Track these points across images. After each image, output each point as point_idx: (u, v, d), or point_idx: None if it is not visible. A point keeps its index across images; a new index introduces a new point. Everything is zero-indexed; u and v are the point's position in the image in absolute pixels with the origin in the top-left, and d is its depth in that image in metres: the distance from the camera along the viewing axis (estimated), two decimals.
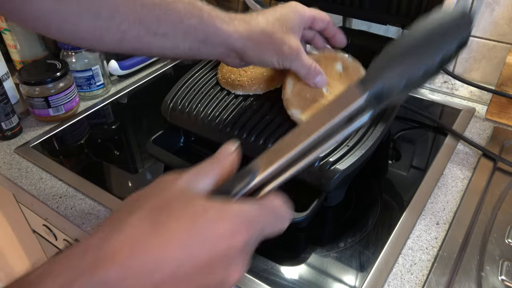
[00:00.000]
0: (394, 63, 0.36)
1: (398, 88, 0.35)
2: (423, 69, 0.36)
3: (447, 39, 0.37)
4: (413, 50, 0.37)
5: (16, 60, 0.94)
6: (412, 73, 0.36)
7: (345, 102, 0.35)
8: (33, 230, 0.84)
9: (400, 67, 0.36)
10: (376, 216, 0.59)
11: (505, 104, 0.74)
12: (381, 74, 0.35)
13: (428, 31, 0.37)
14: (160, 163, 0.68)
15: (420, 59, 0.36)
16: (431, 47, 0.37)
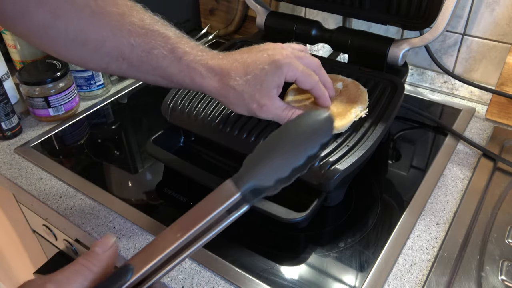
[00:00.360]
0: (264, 162, 0.40)
1: (269, 184, 0.39)
2: (291, 168, 0.40)
3: (311, 142, 0.42)
4: (281, 151, 0.40)
5: (16, 60, 0.94)
6: (280, 172, 0.40)
7: (222, 197, 0.38)
8: (33, 230, 0.84)
9: (270, 166, 0.39)
10: (376, 216, 0.59)
11: (505, 104, 0.74)
12: (252, 172, 0.39)
13: (294, 134, 0.42)
14: (160, 163, 0.68)
15: (287, 160, 0.40)
16: (297, 149, 0.41)
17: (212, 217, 0.37)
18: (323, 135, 0.43)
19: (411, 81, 0.88)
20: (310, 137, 0.42)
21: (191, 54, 0.51)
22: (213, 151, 0.68)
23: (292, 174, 0.40)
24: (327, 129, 0.43)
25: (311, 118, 0.43)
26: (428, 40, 0.64)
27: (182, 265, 0.53)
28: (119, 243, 0.56)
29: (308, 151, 0.41)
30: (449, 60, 0.84)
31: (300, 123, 0.43)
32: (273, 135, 0.42)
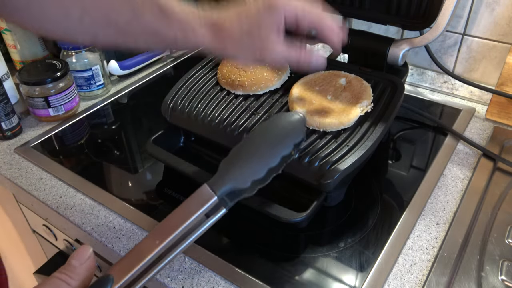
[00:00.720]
0: (240, 164, 0.40)
1: (245, 186, 0.39)
2: (266, 169, 0.40)
3: (285, 143, 0.42)
4: (256, 153, 0.41)
5: (16, 60, 0.94)
6: (256, 173, 0.40)
7: (199, 202, 0.38)
8: (33, 230, 0.84)
9: (245, 168, 0.40)
10: (376, 216, 0.59)
11: (505, 104, 0.74)
12: (228, 175, 0.39)
13: (268, 136, 0.42)
14: (160, 163, 0.68)
15: (262, 161, 0.41)
16: (271, 150, 0.41)
17: (190, 222, 0.37)
18: (296, 135, 0.44)
19: (411, 81, 0.88)
20: (283, 138, 0.43)
21: (181, 10, 0.47)
22: (213, 151, 0.68)
23: (268, 175, 0.41)
24: (300, 129, 0.44)
25: (284, 119, 0.44)
26: (428, 40, 0.64)
27: (182, 265, 0.53)
28: (119, 243, 0.56)
29: (282, 151, 0.42)
30: (449, 60, 0.84)
31: (273, 124, 0.43)
32: (246, 138, 0.42)
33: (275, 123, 0.44)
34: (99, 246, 0.58)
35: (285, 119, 0.44)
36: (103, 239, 0.57)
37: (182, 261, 0.54)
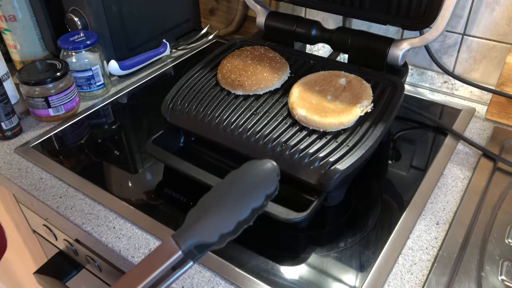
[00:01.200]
0: (206, 217, 0.38)
1: (213, 240, 0.37)
2: (235, 222, 0.38)
3: (256, 194, 0.39)
4: (224, 204, 0.38)
5: (16, 60, 0.94)
6: (224, 227, 0.38)
7: (164, 256, 0.36)
8: (33, 230, 0.84)
9: (212, 221, 0.37)
10: (376, 216, 0.59)
11: (505, 104, 0.74)
12: (194, 229, 0.37)
13: (237, 185, 0.39)
14: (160, 163, 0.68)
15: (230, 213, 0.38)
16: (241, 201, 0.39)
17: (154, 276, 0.36)
18: (268, 185, 0.41)
19: (411, 81, 0.88)
20: (254, 188, 0.40)
21: None
22: (213, 151, 0.68)
23: (237, 228, 0.38)
24: (272, 179, 0.41)
25: (255, 167, 0.41)
26: (428, 40, 0.64)
27: None
28: (119, 243, 0.56)
29: (252, 203, 0.39)
30: (449, 60, 0.84)
31: (243, 173, 0.41)
32: (215, 187, 0.40)
33: (245, 171, 0.41)
34: (99, 246, 0.58)
35: (257, 167, 0.41)
36: (103, 239, 0.57)
37: None
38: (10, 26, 0.89)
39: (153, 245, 0.56)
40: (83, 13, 0.86)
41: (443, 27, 0.61)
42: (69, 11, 0.87)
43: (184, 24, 1.07)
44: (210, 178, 0.59)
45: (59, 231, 0.71)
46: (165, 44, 0.99)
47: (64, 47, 0.82)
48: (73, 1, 0.86)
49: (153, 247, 0.55)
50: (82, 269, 0.72)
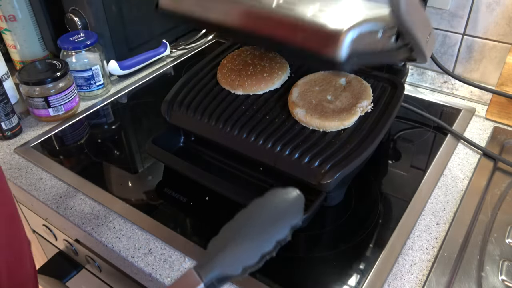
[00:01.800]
0: (230, 249, 0.36)
1: (236, 273, 0.36)
2: (259, 255, 0.37)
3: (280, 225, 0.38)
4: (248, 236, 0.37)
5: (16, 60, 0.94)
6: (248, 259, 0.36)
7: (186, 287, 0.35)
8: (33, 230, 0.84)
9: (236, 253, 0.36)
10: (376, 216, 0.59)
11: (505, 104, 0.74)
12: (217, 261, 0.36)
13: (261, 216, 0.38)
14: (160, 163, 0.68)
15: (255, 246, 0.37)
16: (265, 233, 0.37)
17: None
18: (293, 217, 0.39)
19: (411, 81, 0.88)
20: (278, 220, 0.38)
21: None
22: (213, 151, 0.68)
23: (260, 260, 0.37)
24: (297, 209, 0.40)
25: (280, 196, 0.39)
26: None
27: (182, 265, 0.53)
28: (119, 243, 0.56)
29: (277, 235, 0.38)
30: (449, 60, 0.84)
31: (268, 202, 0.39)
32: (238, 216, 0.38)
33: (269, 200, 0.39)
34: (99, 246, 0.58)
35: (281, 196, 0.39)
36: (103, 239, 0.57)
37: (182, 261, 0.54)
38: (10, 26, 0.89)
39: (153, 245, 0.56)
40: (83, 13, 0.86)
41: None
42: (69, 11, 0.87)
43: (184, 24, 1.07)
44: (210, 178, 0.59)
45: (59, 231, 0.71)
46: (165, 44, 0.99)
47: (64, 47, 0.82)
48: (73, 1, 0.86)
49: (153, 247, 0.56)
50: (82, 269, 0.72)
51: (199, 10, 0.53)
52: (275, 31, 0.50)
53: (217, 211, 0.60)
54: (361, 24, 0.47)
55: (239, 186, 0.57)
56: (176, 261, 0.54)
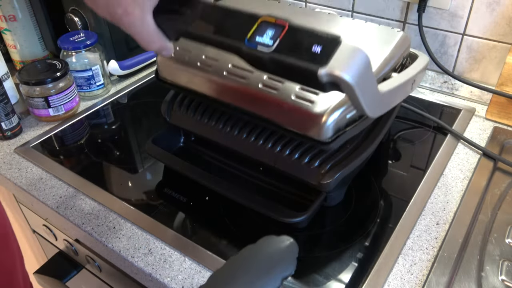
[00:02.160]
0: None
1: None
2: None
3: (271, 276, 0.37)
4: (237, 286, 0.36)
5: (16, 60, 0.94)
6: None
7: None
8: (33, 230, 0.84)
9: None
10: (376, 216, 0.59)
11: (505, 104, 0.74)
12: None
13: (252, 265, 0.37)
14: (160, 163, 0.68)
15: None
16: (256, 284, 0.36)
17: None
18: (285, 267, 0.38)
19: None
20: (270, 270, 0.37)
21: None
22: (213, 151, 0.68)
23: None
24: (290, 260, 0.38)
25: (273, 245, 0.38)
26: None
27: (182, 265, 0.53)
28: (119, 243, 0.56)
29: (267, 286, 0.37)
30: (449, 60, 0.84)
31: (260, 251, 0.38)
32: (229, 262, 0.37)
33: (262, 249, 0.38)
34: (99, 246, 0.58)
35: (274, 245, 0.38)
36: (103, 239, 0.57)
37: (182, 261, 0.54)
38: (10, 26, 0.89)
39: (153, 245, 0.56)
40: (83, 13, 0.86)
41: None
42: (69, 11, 0.87)
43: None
44: (210, 178, 0.59)
45: (59, 231, 0.71)
46: None
47: (64, 47, 0.82)
48: (73, 1, 0.86)
49: (153, 247, 0.56)
50: (82, 269, 0.72)
51: (192, 85, 0.58)
52: (262, 111, 0.54)
53: (217, 211, 0.60)
54: (342, 104, 0.49)
55: (239, 186, 0.57)
56: (176, 261, 0.54)
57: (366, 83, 0.37)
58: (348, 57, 0.35)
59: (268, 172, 0.61)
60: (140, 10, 0.41)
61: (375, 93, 0.42)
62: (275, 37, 0.38)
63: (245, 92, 0.54)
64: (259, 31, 0.39)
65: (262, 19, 0.39)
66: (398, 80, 0.49)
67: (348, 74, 0.35)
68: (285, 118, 0.52)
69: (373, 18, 0.87)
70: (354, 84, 0.35)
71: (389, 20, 0.86)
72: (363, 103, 0.38)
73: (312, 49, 0.36)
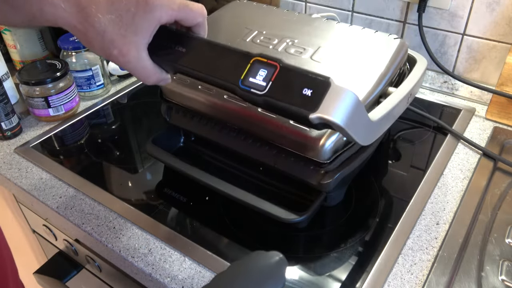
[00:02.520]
0: None
1: None
2: None
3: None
4: None
5: (16, 60, 0.94)
6: None
7: None
8: (33, 230, 0.84)
9: None
10: (376, 216, 0.59)
11: (505, 104, 0.74)
12: None
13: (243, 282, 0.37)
14: (160, 163, 0.68)
15: None
16: None
17: None
18: (275, 283, 0.38)
19: None
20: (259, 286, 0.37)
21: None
22: (213, 151, 0.68)
23: None
24: (279, 275, 0.38)
25: (262, 260, 0.38)
26: None
27: (182, 265, 0.53)
28: (119, 243, 0.56)
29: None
30: (449, 60, 0.84)
31: (249, 266, 0.38)
32: (218, 278, 0.37)
33: (251, 265, 0.38)
34: (99, 246, 0.58)
35: (263, 260, 0.38)
36: (103, 239, 0.57)
37: (182, 261, 0.54)
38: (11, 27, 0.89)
39: (153, 245, 0.56)
40: None
41: None
42: None
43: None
44: (210, 178, 0.59)
45: (59, 231, 0.71)
46: None
47: (64, 47, 0.82)
48: None
49: (153, 247, 0.56)
50: (82, 269, 0.72)
51: (195, 105, 0.61)
52: (262, 133, 0.56)
53: (217, 211, 0.60)
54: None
55: (239, 186, 0.57)
56: (176, 261, 0.54)
57: (357, 121, 0.40)
58: (337, 100, 0.37)
59: (268, 172, 0.61)
60: (134, 50, 0.43)
61: (367, 125, 0.43)
62: (268, 78, 0.40)
63: (246, 115, 0.56)
64: (252, 72, 0.41)
65: (255, 58, 0.41)
66: (392, 102, 0.50)
67: (338, 117, 0.37)
68: (284, 140, 0.54)
69: (373, 18, 0.87)
70: (345, 126, 0.37)
71: (389, 20, 0.86)
72: (355, 137, 0.41)
73: (303, 92, 0.38)
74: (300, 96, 0.38)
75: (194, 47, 0.45)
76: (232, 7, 0.70)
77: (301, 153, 0.53)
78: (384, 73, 0.54)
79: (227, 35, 0.64)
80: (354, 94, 0.38)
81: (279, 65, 0.40)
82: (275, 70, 0.40)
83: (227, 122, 0.60)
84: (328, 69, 0.55)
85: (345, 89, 0.37)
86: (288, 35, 0.61)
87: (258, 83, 0.40)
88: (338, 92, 0.37)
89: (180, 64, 0.45)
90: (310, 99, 0.37)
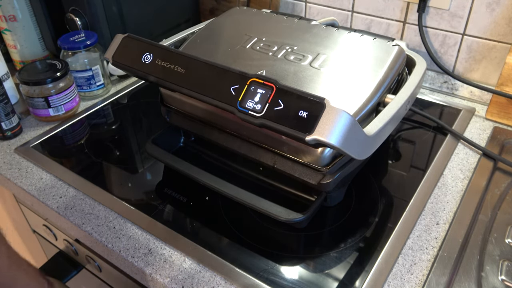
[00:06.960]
0: None
1: None
2: None
3: None
4: None
5: (16, 60, 0.94)
6: None
7: None
8: (33, 230, 0.84)
9: None
10: (376, 216, 0.59)
11: (505, 104, 0.74)
12: None
13: None
14: (160, 163, 0.68)
15: None
16: None
17: None
18: None
19: None
20: None
21: None
22: (213, 151, 0.68)
23: None
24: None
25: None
26: None
27: (182, 265, 0.53)
28: (119, 243, 0.56)
29: None
30: (449, 60, 0.84)
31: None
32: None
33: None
34: (99, 246, 0.58)
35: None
36: (103, 239, 0.57)
37: (182, 261, 0.54)
38: (10, 26, 0.89)
39: (153, 245, 0.56)
40: (83, 13, 0.86)
41: None
42: (69, 11, 0.87)
43: (184, 24, 1.07)
44: (210, 178, 0.59)
45: (59, 231, 0.71)
46: None
47: (64, 47, 0.82)
48: (73, 1, 0.86)
49: (153, 247, 0.56)
50: (82, 269, 0.72)
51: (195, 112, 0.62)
52: (261, 139, 0.57)
53: (217, 211, 0.60)
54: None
55: (239, 186, 0.57)
56: (176, 261, 0.54)
57: (353, 139, 0.41)
58: (332, 121, 0.38)
59: (268, 172, 0.61)
60: None
61: (363, 141, 0.44)
62: (264, 101, 0.42)
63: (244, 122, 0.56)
64: (249, 93, 0.43)
65: (251, 79, 0.43)
66: (389, 114, 0.50)
67: (333, 139, 0.38)
68: (284, 147, 0.55)
69: (373, 18, 0.87)
70: (340, 146, 0.39)
71: (389, 20, 0.86)
72: (352, 155, 0.42)
73: (299, 114, 0.40)
74: (296, 119, 0.40)
75: (192, 68, 0.47)
76: (231, 14, 0.70)
77: (301, 159, 0.54)
78: (382, 80, 0.55)
79: (227, 41, 0.64)
80: (349, 115, 0.39)
81: (275, 86, 0.42)
82: (271, 91, 0.42)
83: (226, 129, 0.60)
84: (327, 76, 0.56)
85: (340, 110, 0.38)
86: (288, 42, 0.61)
87: (255, 106, 0.42)
88: (333, 113, 0.38)
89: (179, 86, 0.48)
90: (306, 121, 0.39)
